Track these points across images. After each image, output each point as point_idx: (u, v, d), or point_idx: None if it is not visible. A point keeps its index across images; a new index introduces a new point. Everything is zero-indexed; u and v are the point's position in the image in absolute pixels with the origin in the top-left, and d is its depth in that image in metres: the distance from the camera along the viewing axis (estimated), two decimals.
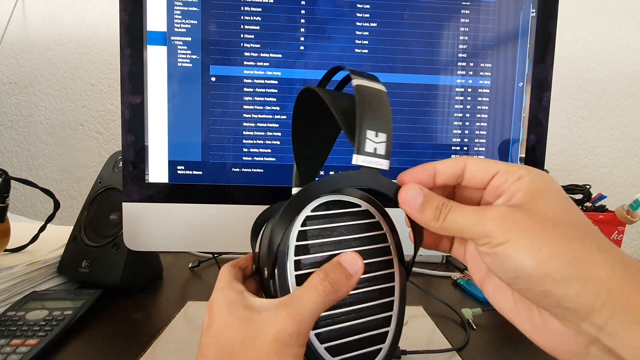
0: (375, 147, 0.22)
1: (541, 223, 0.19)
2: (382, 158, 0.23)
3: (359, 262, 0.23)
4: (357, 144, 0.22)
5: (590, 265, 0.18)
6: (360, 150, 0.22)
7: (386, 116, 0.23)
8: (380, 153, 0.23)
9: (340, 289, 0.22)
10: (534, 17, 0.42)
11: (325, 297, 0.21)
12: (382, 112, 0.23)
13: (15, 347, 0.35)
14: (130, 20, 0.40)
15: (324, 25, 0.41)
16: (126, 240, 0.41)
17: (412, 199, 0.23)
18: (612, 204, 0.70)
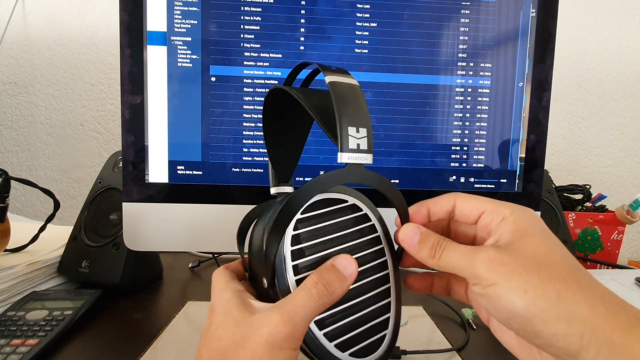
0: (357, 143, 0.23)
1: (527, 264, 0.20)
2: (365, 153, 0.23)
3: (352, 264, 0.23)
4: (340, 142, 0.22)
5: (574, 304, 0.18)
6: (344, 148, 0.23)
7: (364, 110, 0.24)
8: (363, 148, 0.23)
9: (335, 291, 0.22)
10: (534, 17, 0.42)
11: (319, 299, 0.21)
12: (359, 107, 0.24)
13: (15, 347, 0.35)
14: (130, 20, 0.40)
15: (324, 25, 0.41)
16: (126, 240, 0.41)
17: (409, 238, 0.24)
18: (612, 204, 0.70)
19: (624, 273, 0.53)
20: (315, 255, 0.24)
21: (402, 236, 0.25)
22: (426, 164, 0.43)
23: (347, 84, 0.25)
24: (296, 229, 0.24)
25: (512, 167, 0.44)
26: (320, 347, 0.23)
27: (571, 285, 0.19)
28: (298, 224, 0.24)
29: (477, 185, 0.44)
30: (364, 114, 0.24)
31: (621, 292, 0.45)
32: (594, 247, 0.66)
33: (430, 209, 0.26)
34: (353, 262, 0.23)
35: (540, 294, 0.19)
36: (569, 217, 0.65)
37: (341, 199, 0.26)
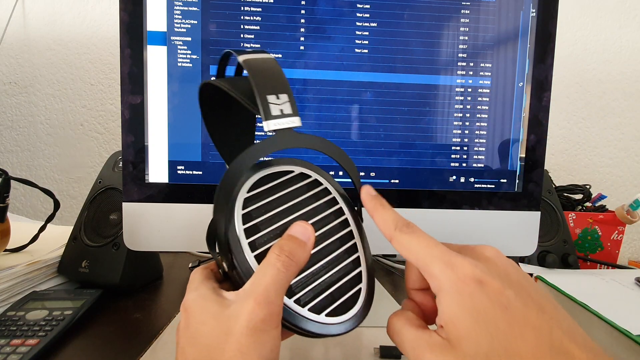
0: (280, 109, 0.23)
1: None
2: (291, 116, 0.23)
3: (307, 228, 0.24)
4: (263, 112, 0.23)
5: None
6: (267, 117, 0.23)
7: (280, 77, 0.24)
8: (287, 112, 0.23)
9: (299, 258, 0.23)
10: (534, 17, 0.42)
11: (287, 271, 0.22)
12: (275, 75, 0.24)
13: (15, 347, 0.35)
14: (130, 20, 0.40)
15: (324, 25, 0.41)
16: (126, 240, 0.41)
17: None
18: (612, 204, 0.70)
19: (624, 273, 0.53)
20: (270, 228, 0.24)
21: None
22: (426, 164, 0.43)
23: (259, 58, 0.25)
24: (246, 207, 0.24)
25: (512, 167, 0.44)
26: (295, 315, 0.23)
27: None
28: (247, 202, 0.25)
29: (477, 185, 0.44)
30: (282, 80, 0.24)
31: (621, 292, 0.45)
32: (594, 247, 0.66)
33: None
34: (308, 226, 0.24)
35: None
36: (569, 217, 0.65)
37: (287, 170, 0.27)
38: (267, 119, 0.23)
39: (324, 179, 0.27)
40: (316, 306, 0.24)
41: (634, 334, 0.35)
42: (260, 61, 0.25)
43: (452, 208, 0.43)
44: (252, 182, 0.26)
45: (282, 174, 0.27)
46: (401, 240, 0.23)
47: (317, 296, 0.24)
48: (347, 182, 0.43)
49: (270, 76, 0.24)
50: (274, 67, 0.25)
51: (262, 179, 0.26)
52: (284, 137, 0.24)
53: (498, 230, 0.44)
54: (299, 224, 0.24)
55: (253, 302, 0.21)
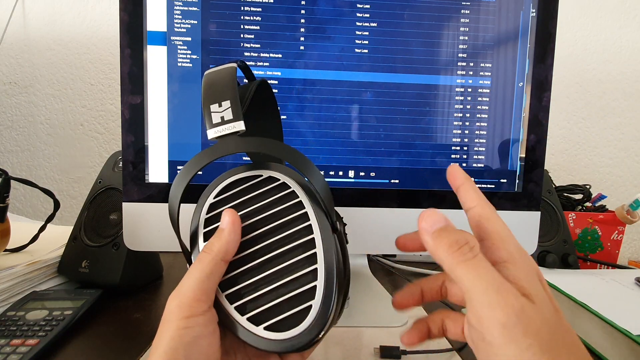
0: (221, 116, 0.23)
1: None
2: (231, 122, 0.23)
3: (227, 214, 0.23)
4: (206, 121, 0.23)
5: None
6: (209, 125, 0.23)
7: (224, 85, 0.24)
8: (228, 118, 0.23)
9: (213, 247, 0.22)
10: (534, 17, 0.42)
11: (200, 262, 0.22)
12: (221, 83, 0.24)
13: (15, 347, 0.35)
14: (130, 20, 0.40)
15: (324, 25, 0.41)
16: (126, 240, 0.41)
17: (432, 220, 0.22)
18: (612, 204, 0.70)
19: (624, 273, 0.53)
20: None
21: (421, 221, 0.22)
22: (426, 164, 0.43)
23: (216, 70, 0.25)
24: (210, 212, 0.25)
25: (512, 167, 0.44)
26: (231, 321, 0.22)
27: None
28: (212, 207, 0.25)
29: (477, 185, 0.44)
30: (225, 88, 0.24)
31: (621, 292, 0.45)
32: (594, 247, 0.66)
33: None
34: (229, 212, 0.23)
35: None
36: (569, 217, 0.65)
37: (256, 174, 0.26)
38: (208, 127, 0.23)
39: (292, 181, 0.25)
40: (256, 317, 0.22)
41: (634, 334, 0.35)
42: (213, 73, 0.25)
43: (452, 208, 0.43)
44: (221, 187, 0.26)
45: (250, 179, 0.26)
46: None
47: (260, 305, 0.22)
48: (344, 182, 0.43)
49: (216, 85, 0.24)
50: (224, 75, 0.25)
51: (232, 184, 0.26)
52: (228, 144, 0.23)
53: None
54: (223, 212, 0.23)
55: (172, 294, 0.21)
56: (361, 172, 0.43)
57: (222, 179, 0.26)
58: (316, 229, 0.24)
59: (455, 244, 0.20)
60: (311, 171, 0.24)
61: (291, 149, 0.24)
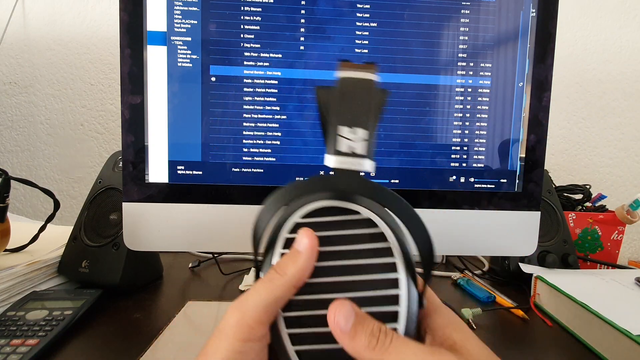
0: (350, 146, 0.19)
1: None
2: (359, 157, 0.19)
3: (304, 238, 0.21)
4: (329, 142, 0.19)
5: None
6: (331, 150, 0.20)
7: (366, 108, 0.20)
8: (358, 152, 0.19)
9: (287, 270, 0.20)
10: (534, 17, 0.42)
11: (269, 282, 0.20)
12: (361, 103, 0.20)
13: (15, 347, 0.35)
14: (130, 20, 0.40)
15: (324, 25, 0.41)
16: (126, 240, 0.41)
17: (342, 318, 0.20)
18: (612, 204, 0.70)
19: (624, 273, 0.53)
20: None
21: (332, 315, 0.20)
22: (426, 164, 0.43)
23: (354, 78, 0.21)
24: (293, 232, 0.22)
25: (512, 167, 0.44)
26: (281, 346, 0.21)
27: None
28: (296, 228, 0.22)
29: (477, 185, 0.44)
30: (366, 111, 0.20)
31: (621, 292, 0.45)
32: (594, 247, 0.66)
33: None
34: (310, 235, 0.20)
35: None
36: (569, 217, 0.65)
37: (352, 209, 0.22)
38: (329, 152, 0.19)
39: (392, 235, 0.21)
40: (306, 354, 0.20)
41: (634, 334, 0.35)
42: (353, 82, 0.20)
43: (452, 208, 0.43)
44: (311, 208, 0.22)
45: (347, 212, 0.22)
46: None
47: (315, 343, 0.20)
48: None
49: (357, 104, 0.20)
50: (366, 91, 0.20)
51: (324, 210, 0.22)
52: (346, 180, 0.20)
53: (498, 230, 0.44)
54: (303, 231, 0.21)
55: (232, 307, 0.20)
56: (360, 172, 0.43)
57: (312, 199, 0.22)
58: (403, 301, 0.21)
59: (372, 337, 0.19)
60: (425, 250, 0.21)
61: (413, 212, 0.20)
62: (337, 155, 0.19)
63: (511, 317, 0.48)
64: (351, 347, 0.19)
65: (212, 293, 0.53)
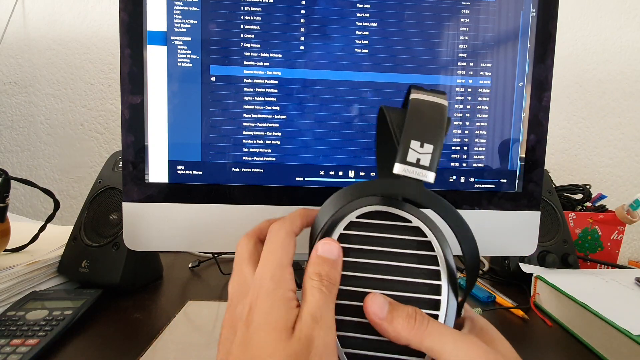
0: (418, 158, 0.22)
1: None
2: (424, 169, 0.22)
3: (332, 245, 0.23)
4: (399, 152, 0.22)
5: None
6: (400, 159, 0.22)
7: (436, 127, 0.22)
8: (423, 164, 0.22)
9: (336, 279, 0.22)
10: (534, 17, 0.42)
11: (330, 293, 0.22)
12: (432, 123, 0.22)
13: (15, 347, 0.35)
14: (130, 20, 0.40)
15: (324, 25, 0.41)
16: (126, 240, 0.41)
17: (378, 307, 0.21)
18: (612, 204, 0.70)
19: (624, 273, 0.53)
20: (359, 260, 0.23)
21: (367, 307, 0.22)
22: None
23: (428, 101, 0.23)
24: (348, 229, 0.24)
25: (512, 167, 0.44)
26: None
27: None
28: (351, 226, 0.24)
29: (477, 185, 0.44)
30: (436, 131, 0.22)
31: (621, 292, 0.45)
32: (594, 247, 0.66)
33: None
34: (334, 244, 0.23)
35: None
36: (569, 217, 0.65)
37: (404, 217, 0.24)
38: (398, 160, 0.22)
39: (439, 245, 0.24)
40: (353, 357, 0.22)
41: (634, 334, 0.35)
42: (427, 104, 0.23)
43: None
44: (366, 210, 0.24)
45: (398, 219, 0.24)
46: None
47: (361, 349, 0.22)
48: (344, 182, 0.43)
49: (427, 122, 0.22)
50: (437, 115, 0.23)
51: (376, 213, 0.24)
52: (407, 187, 0.22)
53: (498, 230, 0.44)
54: (325, 242, 0.23)
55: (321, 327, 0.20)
56: (361, 172, 0.43)
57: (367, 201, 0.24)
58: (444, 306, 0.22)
59: (409, 319, 0.21)
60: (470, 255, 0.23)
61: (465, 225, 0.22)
62: (405, 164, 0.22)
63: (511, 317, 0.48)
64: (391, 331, 0.21)
65: (212, 293, 0.53)
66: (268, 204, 0.41)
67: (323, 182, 0.42)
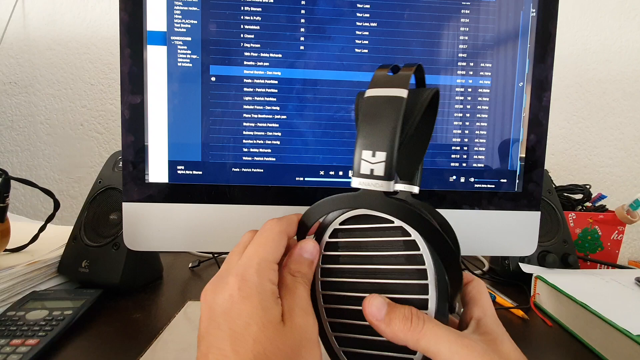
0: (371, 168, 0.21)
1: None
2: (380, 179, 0.21)
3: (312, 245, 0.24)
4: (353, 165, 0.21)
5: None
6: (354, 172, 0.21)
7: (387, 131, 0.20)
8: (377, 174, 0.21)
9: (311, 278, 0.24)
10: (534, 17, 0.42)
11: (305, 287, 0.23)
12: (383, 127, 0.20)
13: (15, 347, 0.35)
14: (130, 20, 0.40)
15: (324, 25, 0.41)
16: (126, 240, 0.41)
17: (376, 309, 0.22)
18: (612, 204, 0.70)
19: (624, 273, 0.53)
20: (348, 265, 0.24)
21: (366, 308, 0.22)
22: (426, 164, 0.43)
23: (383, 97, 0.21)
24: (334, 236, 0.24)
25: (512, 167, 0.44)
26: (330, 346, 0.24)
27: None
28: (337, 232, 0.24)
29: (477, 185, 0.44)
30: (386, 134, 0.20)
31: (621, 292, 0.45)
32: (594, 247, 0.66)
33: None
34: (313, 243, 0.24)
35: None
36: (569, 217, 0.65)
37: (386, 218, 0.23)
38: (353, 174, 0.21)
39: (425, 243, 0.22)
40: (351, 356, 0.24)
41: (634, 334, 0.35)
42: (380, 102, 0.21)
43: (452, 208, 0.43)
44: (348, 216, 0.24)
45: (380, 220, 0.24)
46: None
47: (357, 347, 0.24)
48: (344, 182, 0.43)
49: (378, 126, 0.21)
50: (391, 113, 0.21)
51: (359, 217, 0.24)
52: (368, 199, 0.21)
53: (498, 230, 0.44)
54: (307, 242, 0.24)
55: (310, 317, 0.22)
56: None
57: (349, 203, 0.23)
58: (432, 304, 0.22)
59: (405, 320, 0.21)
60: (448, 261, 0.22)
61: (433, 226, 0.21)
62: (359, 177, 0.21)
63: (511, 317, 0.48)
64: (389, 332, 0.21)
65: None
66: (268, 204, 0.41)
67: (323, 182, 0.42)
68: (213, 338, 0.21)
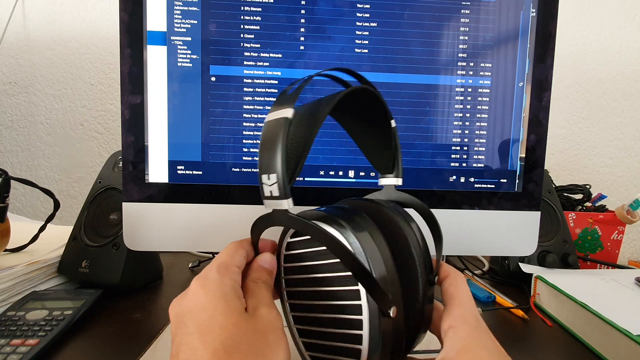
0: (270, 190, 0.22)
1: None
2: (278, 199, 0.22)
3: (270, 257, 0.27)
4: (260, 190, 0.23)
5: None
6: (262, 196, 0.23)
7: (273, 154, 0.22)
8: (275, 195, 0.22)
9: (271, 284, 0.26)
10: (534, 17, 0.42)
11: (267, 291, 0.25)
12: (269, 151, 0.22)
13: (15, 347, 0.35)
14: (130, 20, 0.40)
15: (324, 25, 0.41)
16: (126, 240, 0.41)
17: None
18: (612, 204, 0.70)
19: (624, 273, 0.53)
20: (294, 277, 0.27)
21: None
22: (426, 164, 0.43)
23: (271, 121, 0.23)
24: (288, 249, 0.27)
25: (512, 167, 0.44)
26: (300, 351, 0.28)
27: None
28: (289, 245, 0.27)
29: (477, 185, 0.44)
30: (273, 157, 0.22)
31: (621, 292, 0.45)
32: (594, 247, 0.66)
33: None
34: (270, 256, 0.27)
35: None
36: (569, 217, 0.65)
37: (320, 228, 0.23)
38: (262, 198, 0.23)
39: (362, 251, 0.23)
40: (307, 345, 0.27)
41: (634, 334, 0.35)
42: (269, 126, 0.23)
43: (452, 208, 0.43)
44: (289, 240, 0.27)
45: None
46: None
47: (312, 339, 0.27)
48: (344, 181, 0.43)
49: (265, 151, 0.22)
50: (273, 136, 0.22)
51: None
52: (279, 217, 0.23)
53: (498, 230, 0.44)
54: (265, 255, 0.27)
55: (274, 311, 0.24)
56: (361, 172, 0.43)
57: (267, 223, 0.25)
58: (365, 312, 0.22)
59: None
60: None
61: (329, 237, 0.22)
62: (265, 199, 0.23)
63: (511, 317, 0.48)
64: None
65: None
66: None
67: (323, 182, 0.42)
68: (181, 337, 0.21)
